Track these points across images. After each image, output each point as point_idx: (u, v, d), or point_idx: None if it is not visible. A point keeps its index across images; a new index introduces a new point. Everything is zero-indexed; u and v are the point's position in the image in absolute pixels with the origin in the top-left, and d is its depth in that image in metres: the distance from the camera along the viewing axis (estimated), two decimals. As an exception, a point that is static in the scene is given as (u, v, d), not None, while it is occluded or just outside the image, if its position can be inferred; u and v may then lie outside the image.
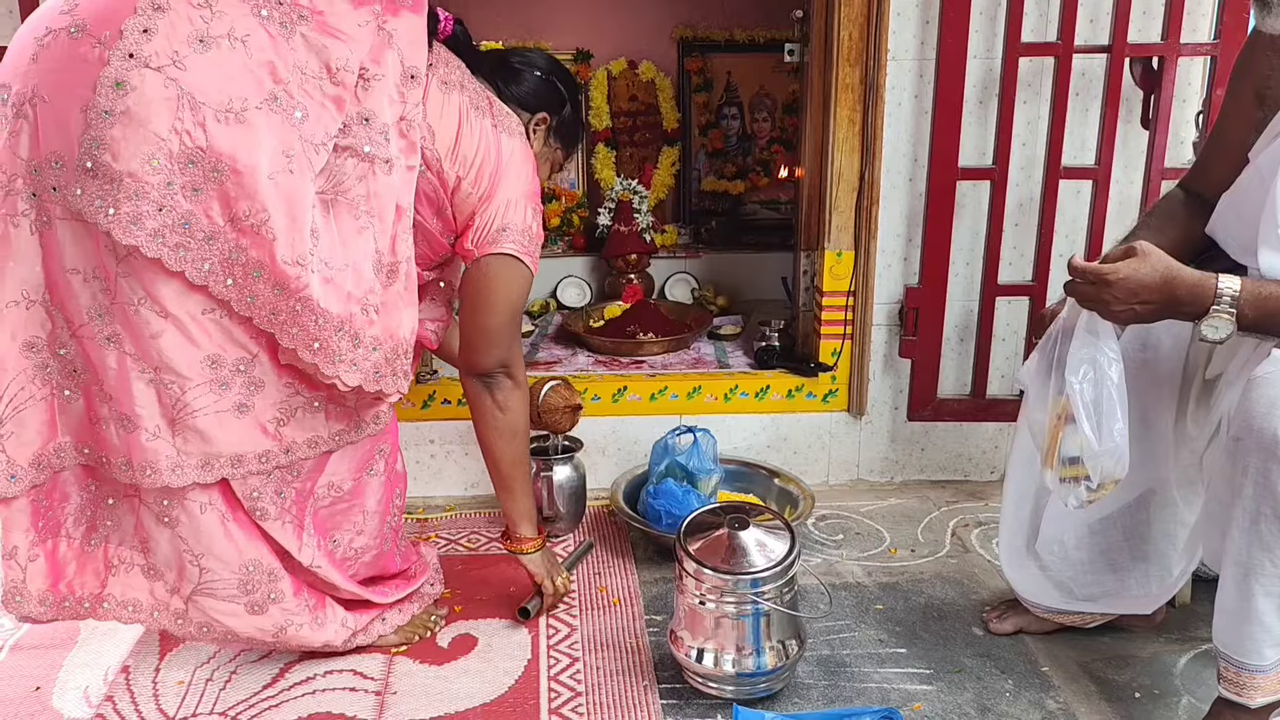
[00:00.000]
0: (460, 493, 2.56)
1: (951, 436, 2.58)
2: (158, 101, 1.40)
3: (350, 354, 1.57)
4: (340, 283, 1.55)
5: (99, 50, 1.40)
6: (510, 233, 1.75)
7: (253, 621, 1.68)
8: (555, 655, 1.86)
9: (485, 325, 1.80)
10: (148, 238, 1.42)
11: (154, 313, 1.48)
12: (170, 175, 1.42)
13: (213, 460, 1.56)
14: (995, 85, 2.31)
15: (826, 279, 2.47)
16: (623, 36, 3.58)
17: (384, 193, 1.60)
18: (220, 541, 1.63)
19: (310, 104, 1.51)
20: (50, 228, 1.46)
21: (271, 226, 1.47)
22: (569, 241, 3.51)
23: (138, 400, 1.51)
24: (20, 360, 1.52)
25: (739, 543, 1.72)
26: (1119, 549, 1.79)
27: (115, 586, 1.66)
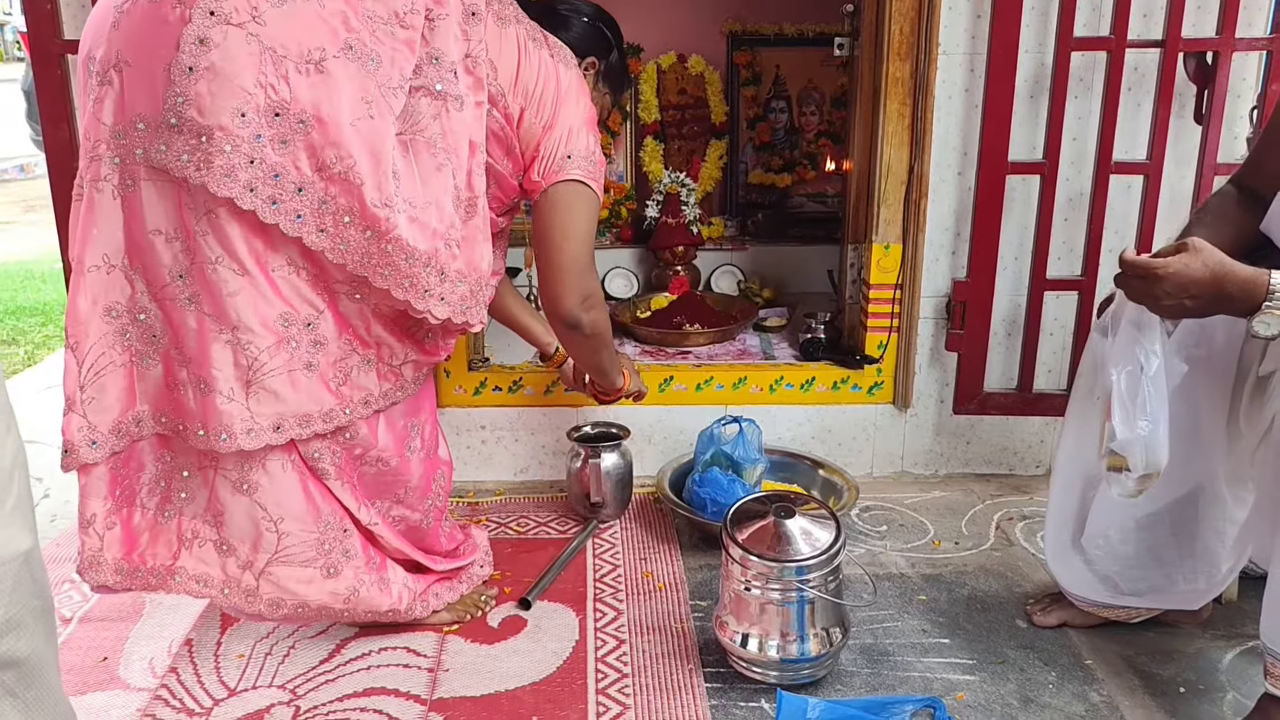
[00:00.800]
0: (510, 478, 2.61)
1: (997, 430, 2.58)
2: (242, 57, 1.44)
3: (438, 288, 1.61)
4: (425, 220, 1.59)
5: (180, 10, 1.43)
6: (575, 159, 1.77)
7: (327, 586, 1.71)
8: (602, 637, 1.90)
9: (562, 258, 1.81)
10: (241, 190, 1.46)
11: (231, 271, 1.52)
12: (258, 128, 1.46)
13: (284, 421, 1.60)
14: (1046, 80, 2.31)
15: (874, 272, 2.48)
16: (672, 30, 3.60)
17: (458, 129, 1.63)
18: (300, 501, 1.66)
19: (383, 50, 1.54)
20: (133, 190, 1.50)
21: (358, 172, 1.50)
22: (617, 233, 3.54)
23: (215, 362, 1.54)
24: (101, 325, 1.55)
25: (785, 531, 1.74)
26: (1166, 544, 1.79)
27: (187, 560, 1.68)
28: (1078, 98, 2.34)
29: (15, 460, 0.88)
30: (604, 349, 2.02)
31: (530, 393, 2.56)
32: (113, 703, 1.74)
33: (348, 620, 1.82)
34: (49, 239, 5.75)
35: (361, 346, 1.66)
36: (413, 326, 1.71)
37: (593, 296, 1.87)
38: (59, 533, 2.36)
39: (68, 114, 2.29)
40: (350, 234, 1.53)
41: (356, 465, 1.73)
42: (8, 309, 4.60)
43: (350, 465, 1.72)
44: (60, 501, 2.54)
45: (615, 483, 2.35)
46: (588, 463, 2.33)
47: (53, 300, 4.72)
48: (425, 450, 1.85)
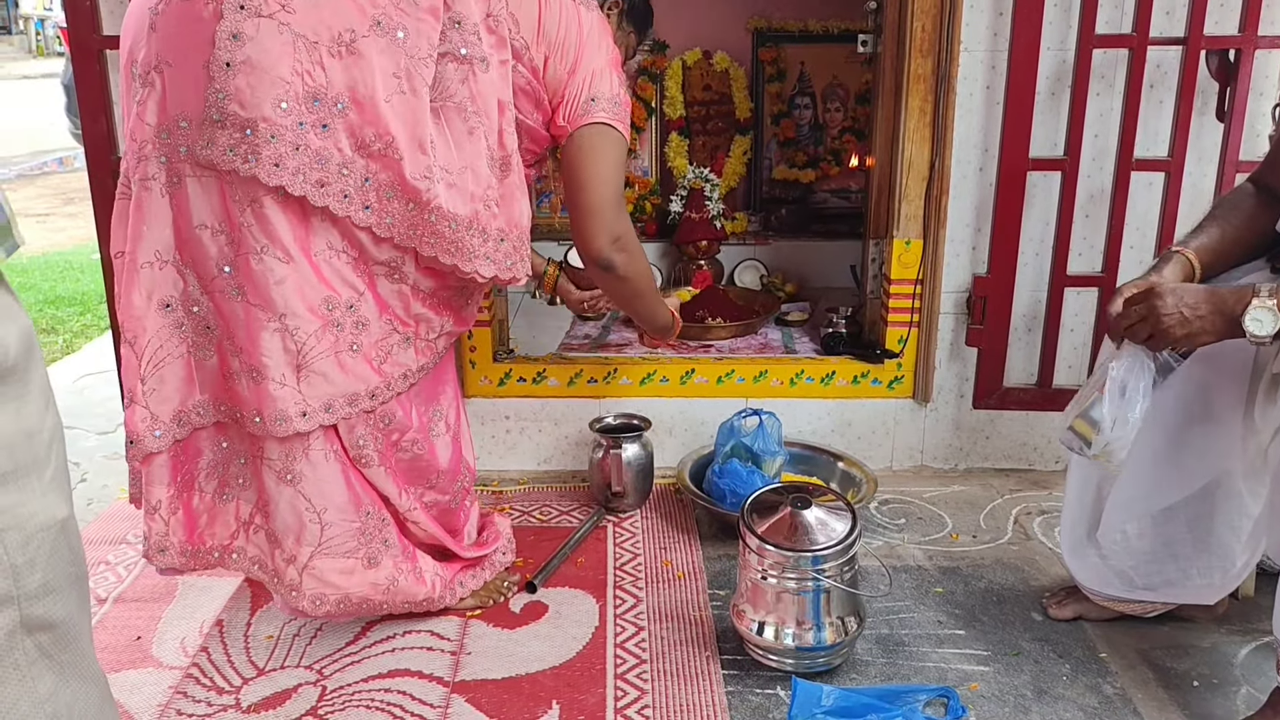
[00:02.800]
0: (533, 467, 2.65)
1: (1017, 425, 2.59)
2: (275, 47, 1.48)
3: (482, 248, 1.65)
4: (463, 185, 1.62)
5: (212, 6, 1.48)
6: (600, 101, 1.78)
7: (369, 576, 1.76)
8: (622, 624, 1.94)
9: (591, 200, 1.82)
10: (290, 177, 1.51)
11: (276, 259, 1.56)
12: (299, 115, 1.50)
13: (333, 401, 1.64)
14: (1068, 76, 2.31)
15: (895, 267, 2.50)
16: (698, 27, 3.63)
17: (486, 91, 1.65)
18: (342, 490, 1.71)
19: (408, 21, 1.56)
20: (180, 187, 1.55)
21: (397, 147, 1.54)
22: (642, 227, 3.56)
23: (264, 349, 1.59)
24: (158, 319, 1.61)
25: (801, 521, 1.77)
26: (1182, 539, 1.80)
27: (244, 542, 1.74)
28: (1099, 95, 2.35)
29: (54, 434, 0.93)
30: (643, 294, 2.04)
31: (554, 384, 2.60)
32: (145, 680, 1.79)
33: (386, 611, 1.86)
34: (87, 230, 5.87)
35: (401, 325, 1.70)
36: (452, 297, 1.76)
37: (624, 237, 1.87)
38: (95, 516, 2.42)
39: (106, 108, 2.35)
40: (394, 207, 1.57)
41: (394, 451, 1.78)
42: (47, 298, 4.70)
43: (390, 451, 1.77)
44: (97, 486, 2.60)
45: (636, 473, 2.38)
46: (609, 453, 2.36)
47: (90, 290, 4.80)
48: (451, 434, 1.90)
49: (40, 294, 4.77)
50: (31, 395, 0.88)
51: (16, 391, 0.86)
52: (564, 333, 2.98)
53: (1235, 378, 1.65)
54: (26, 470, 0.87)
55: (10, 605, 0.85)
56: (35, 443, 0.88)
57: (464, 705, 1.70)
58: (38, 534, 0.87)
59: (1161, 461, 1.75)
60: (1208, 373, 1.67)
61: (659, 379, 2.60)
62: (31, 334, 0.89)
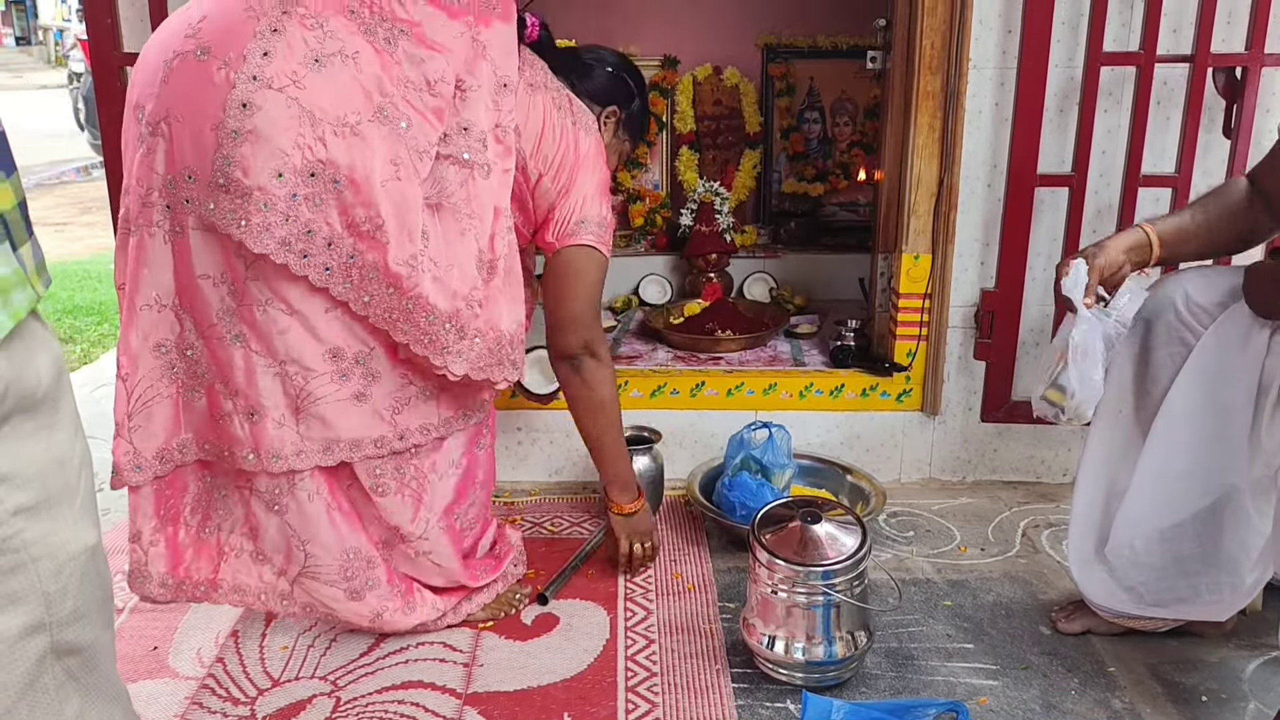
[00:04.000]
0: (544, 478, 2.67)
1: (1025, 438, 2.60)
2: (282, 119, 1.51)
3: (456, 345, 1.67)
4: (447, 281, 1.65)
5: (225, 72, 1.51)
6: (588, 224, 1.88)
7: (351, 607, 1.82)
8: (632, 636, 1.96)
9: (569, 311, 1.93)
10: (276, 245, 1.54)
11: (280, 311, 1.60)
12: (295, 187, 1.53)
13: (333, 445, 1.68)
14: (1076, 94, 2.33)
15: (903, 281, 2.52)
16: (708, 43, 3.66)
17: (484, 196, 1.69)
18: (325, 529, 1.75)
19: (413, 114, 1.60)
20: (182, 236, 1.58)
21: (385, 231, 1.57)
22: (652, 241, 3.59)
23: (263, 392, 1.63)
24: (151, 360, 1.65)
25: (811, 536, 1.78)
26: (1191, 555, 1.80)
27: (226, 572, 1.79)
28: (1107, 111, 2.36)
29: (83, 460, 0.93)
30: (606, 411, 2.04)
31: (565, 397, 2.61)
32: (162, 690, 1.81)
33: (377, 632, 1.93)
34: (105, 239, 5.90)
35: (420, 379, 1.72)
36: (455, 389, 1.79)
37: (595, 344, 1.98)
38: (111, 526, 2.45)
39: (125, 123, 2.38)
40: (374, 289, 1.59)
41: (428, 477, 1.80)
42: (65, 308, 4.73)
43: (421, 478, 1.79)
44: (114, 496, 2.62)
45: (647, 485, 2.39)
46: (620, 466, 2.38)
47: (108, 300, 4.84)
48: (489, 448, 1.96)
49: (58, 303, 4.81)
50: (62, 423, 0.89)
51: (48, 420, 0.87)
52: (575, 345, 2.99)
53: (1242, 395, 1.66)
54: (59, 499, 0.87)
55: (42, 632, 0.86)
56: (66, 470, 0.89)
57: (476, 717, 1.72)
58: (69, 562, 0.88)
59: (1169, 478, 1.76)
60: (1215, 391, 1.68)
61: (669, 391, 2.62)
62: (62, 361, 0.90)
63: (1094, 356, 1.72)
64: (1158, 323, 1.79)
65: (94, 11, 2.35)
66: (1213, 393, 1.70)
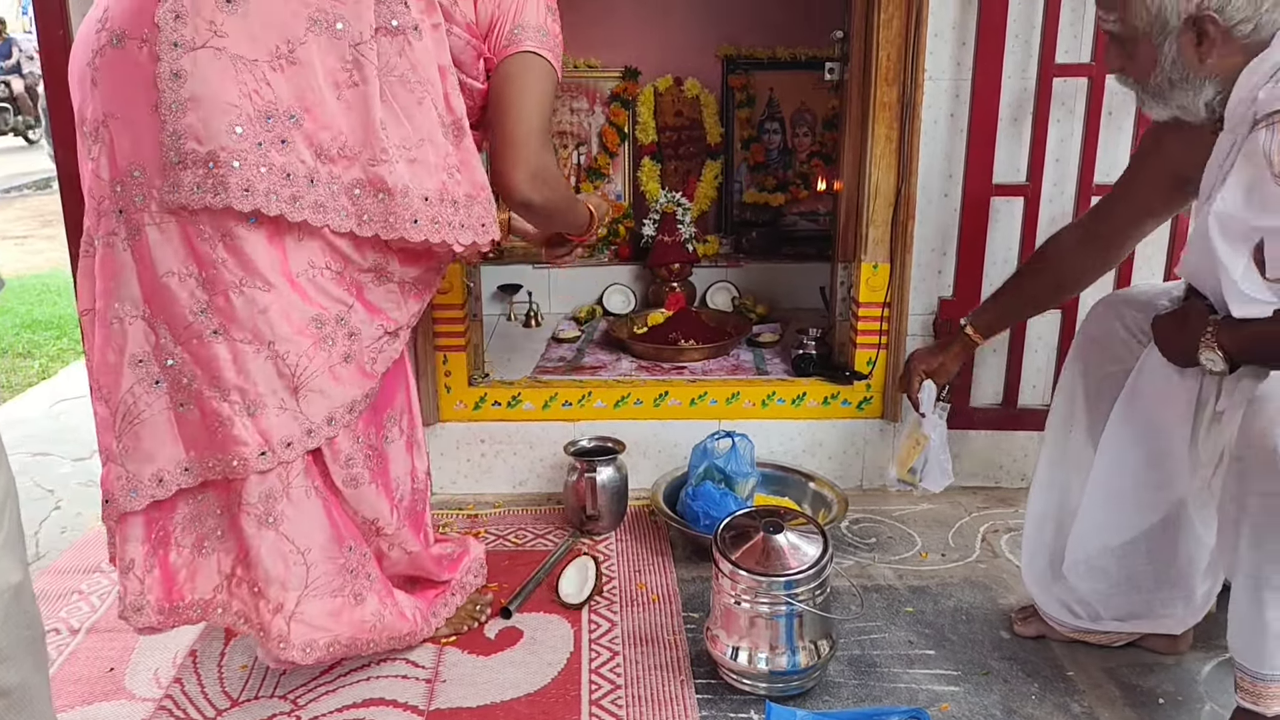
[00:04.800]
0: (509, 490, 2.66)
1: (984, 444, 2.63)
2: (216, 76, 1.47)
3: (455, 217, 1.65)
4: (424, 158, 1.61)
5: (145, 48, 1.47)
6: (526, 30, 1.71)
7: (356, 614, 1.73)
8: (596, 649, 1.95)
9: (512, 130, 1.71)
10: (263, 199, 1.50)
11: (257, 289, 1.55)
12: (256, 136, 1.49)
13: (334, 413, 1.65)
14: (1029, 104, 2.37)
15: (863, 290, 2.54)
16: (669, 54, 3.68)
17: (424, 59, 1.62)
18: (325, 528, 1.69)
19: (343, 8, 1.54)
20: (139, 237, 1.54)
21: (351, 145, 1.55)
22: (615, 250, 3.60)
23: (259, 380, 1.58)
24: (130, 375, 1.58)
25: (773, 545, 1.79)
26: (1143, 572, 1.84)
27: (226, 596, 1.69)
28: (1060, 121, 2.40)
29: (6, 493, 0.90)
30: (564, 213, 1.93)
31: (529, 408, 2.61)
32: (118, 713, 1.78)
33: (373, 650, 1.82)
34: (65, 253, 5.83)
35: (390, 324, 1.71)
36: (433, 276, 1.77)
37: (543, 172, 1.75)
38: (69, 545, 2.41)
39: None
40: (367, 203, 1.57)
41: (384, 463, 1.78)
42: (24, 322, 4.66)
43: (380, 460, 1.77)
44: (70, 514, 2.59)
45: (611, 496, 2.40)
46: (584, 476, 2.38)
47: (68, 315, 4.78)
48: (405, 440, 1.88)
49: (17, 318, 4.74)
50: None
51: None
52: (539, 355, 3.00)
53: (1181, 414, 1.69)
54: None
55: None
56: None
57: (439, 733, 1.71)
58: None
59: (1117, 497, 1.80)
60: (1155, 409, 1.72)
61: (633, 401, 2.62)
62: None
63: (943, 447, 2.14)
64: (1100, 343, 1.83)
65: (45, 21, 2.31)
66: (1153, 411, 1.73)
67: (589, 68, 3.65)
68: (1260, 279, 1.45)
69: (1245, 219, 1.44)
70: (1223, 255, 1.47)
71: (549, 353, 3.04)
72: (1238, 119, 1.47)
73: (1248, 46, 1.46)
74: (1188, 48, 1.49)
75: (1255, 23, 1.44)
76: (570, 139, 3.70)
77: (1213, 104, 1.52)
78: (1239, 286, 1.46)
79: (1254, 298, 1.46)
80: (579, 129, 3.70)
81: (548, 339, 3.19)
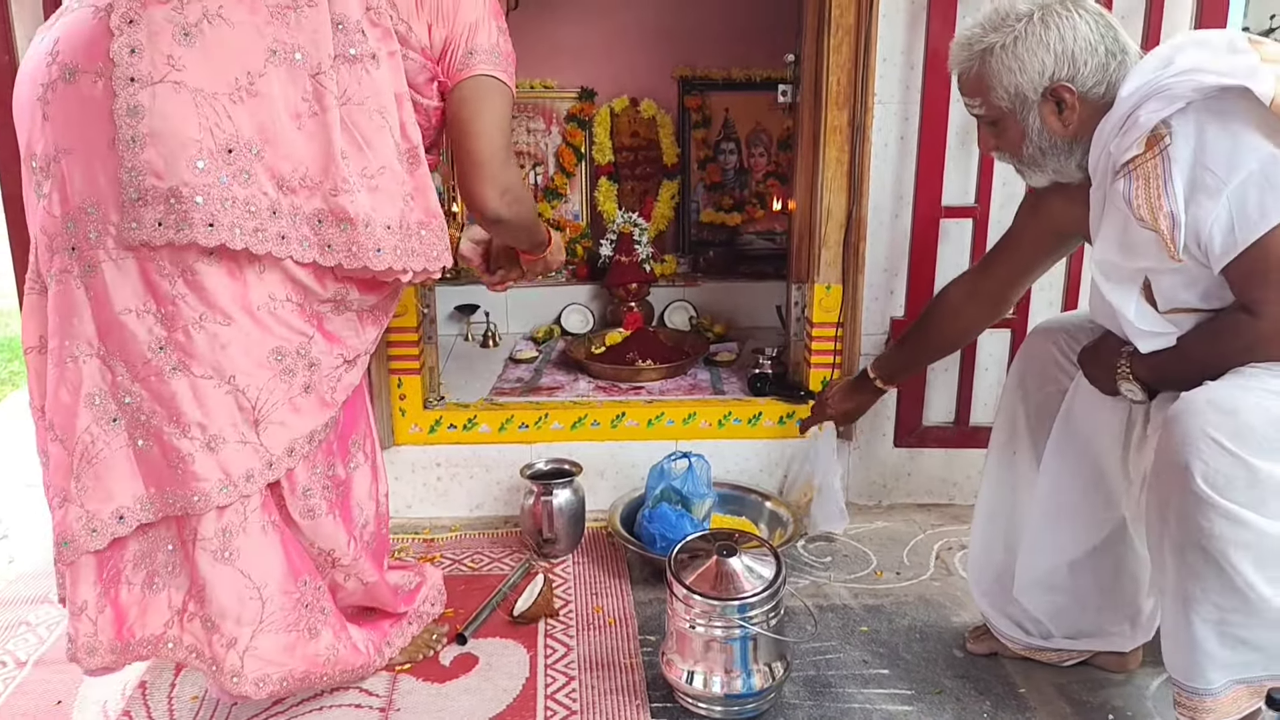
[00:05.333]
0: (465, 514, 2.65)
1: (937, 462, 2.66)
2: (176, 111, 1.45)
3: (407, 244, 1.65)
4: (385, 187, 1.62)
5: (100, 82, 1.45)
6: (479, 53, 1.73)
7: (310, 649, 1.71)
8: (552, 674, 1.95)
9: (476, 151, 1.73)
10: (227, 233, 1.49)
11: (218, 324, 1.54)
12: (218, 170, 1.48)
13: (294, 444, 1.63)
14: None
15: (816, 311, 2.57)
16: (625, 75, 3.71)
17: (382, 87, 1.62)
18: (282, 563, 1.67)
19: (299, 38, 1.53)
20: (94, 274, 1.52)
21: (312, 176, 1.54)
22: (573, 270, 3.61)
23: (220, 416, 1.56)
24: (87, 414, 1.56)
25: (727, 569, 1.80)
26: (1091, 590, 1.87)
27: (179, 631, 1.67)
28: (1007, 144, 2.44)
29: None
30: (530, 230, 1.96)
31: (485, 430, 2.61)
32: (67, 748, 1.76)
33: (326, 684, 1.80)
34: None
35: (349, 351, 1.70)
36: (389, 302, 1.77)
37: (512, 190, 1.79)
38: (16, 575, 2.37)
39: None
40: (330, 234, 1.57)
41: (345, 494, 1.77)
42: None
43: (340, 491, 1.77)
44: (17, 543, 2.54)
45: (568, 519, 2.40)
46: (541, 499, 2.38)
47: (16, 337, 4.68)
48: (369, 464, 1.89)
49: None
50: None
51: None
52: (496, 376, 2.99)
53: (1113, 437, 1.74)
54: None
55: None
56: None
57: (393, 763, 1.70)
58: None
59: (1062, 518, 1.83)
60: (1091, 432, 1.77)
61: (590, 423, 2.62)
62: None
63: (837, 491, 2.42)
64: (1036, 367, 1.87)
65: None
66: (1088, 434, 1.77)
67: (545, 89, 3.66)
68: (1154, 313, 1.55)
69: (1122, 264, 1.54)
70: (1113, 299, 1.57)
71: (506, 373, 3.04)
72: (1100, 173, 1.56)
73: (1104, 106, 1.55)
74: (1050, 117, 1.59)
75: (1106, 83, 1.55)
76: (527, 159, 3.71)
77: (1083, 164, 1.62)
78: (1136, 325, 1.56)
79: (1153, 332, 1.55)
80: (535, 149, 3.71)
81: (505, 359, 3.18)
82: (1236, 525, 1.41)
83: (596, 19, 3.67)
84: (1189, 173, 1.43)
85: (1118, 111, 1.51)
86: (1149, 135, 1.45)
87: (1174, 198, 1.43)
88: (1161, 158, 1.44)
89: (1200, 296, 1.51)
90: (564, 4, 3.63)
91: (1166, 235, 1.44)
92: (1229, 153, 1.42)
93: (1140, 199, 1.45)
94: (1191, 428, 1.43)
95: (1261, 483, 1.40)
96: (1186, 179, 1.43)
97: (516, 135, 3.67)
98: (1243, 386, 1.44)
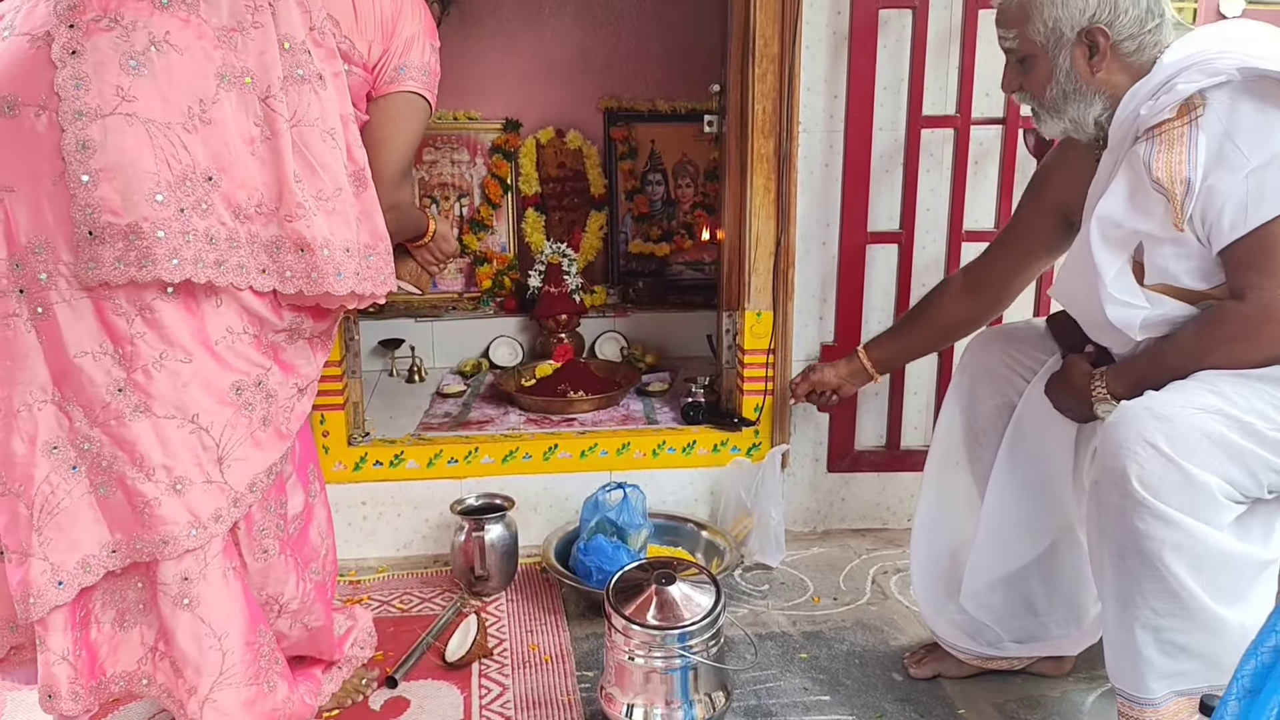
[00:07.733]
0: (393, 553, 2.58)
1: (870, 486, 2.67)
2: (130, 144, 1.40)
3: (361, 269, 1.61)
4: (340, 208, 1.58)
5: (44, 116, 1.39)
6: (411, 69, 1.72)
7: (269, 703, 1.64)
8: (487, 714, 1.89)
9: (380, 169, 1.71)
10: (191, 267, 1.44)
11: (179, 362, 1.48)
12: (178, 201, 1.43)
13: (256, 479, 1.58)
14: (900, 154, 2.45)
15: (747, 338, 2.57)
16: (551, 106, 3.70)
17: (330, 108, 1.60)
18: (243, 611, 1.60)
19: (249, 60, 1.50)
20: (47, 317, 1.44)
21: (267, 202, 1.50)
22: (501, 302, 3.57)
23: (184, 456, 1.50)
24: (46, 464, 1.48)
25: (666, 598, 1.77)
26: (1037, 594, 1.89)
27: (152, 669, 1.60)
28: (929, 171, 2.49)
29: None
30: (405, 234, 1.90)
31: (413, 466, 2.54)
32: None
33: None
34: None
35: (302, 380, 1.66)
36: (333, 327, 1.74)
37: (400, 207, 1.78)
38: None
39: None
40: (288, 259, 1.53)
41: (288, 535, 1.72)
42: None
43: (291, 535, 1.72)
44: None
45: (500, 555, 2.34)
46: (471, 536, 2.32)
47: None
48: (321, 496, 1.86)
49: None
50: None
51: None
52: (423, 412, 2.93)
53: (1064, 447, 1.77)
54: None
55: None
56: None
57: (322, 815, 1.63)
58: None
59: (1009, 527, 1.85)
60: (1041, 442, 1.79)
61: (521, 456, 2.58)
62: None
63: (774, 520, 2.41)
64: (980, 379, 1.89)
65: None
66: (1039, 444, 1.79)
67: (470, 120, 3.64)
68: (1133, 284, 1.56)
69: (1125, 222, 1.55)
70: (1099, 259, 1.57)
71: (433, 408, 2.98)
72: (1120, 136, 1.58)
73: (1131, 66, 1.58)
74: (1080, 60, 1.59)
75: (1139, 41, 1.57)
76: (452, 190, 3.67)
77: (1100, 120, 1.62)
78: (1109, 289, 1.56)
79: (1125, 301, 1.56)
80: (460, 181, 3.67)
81: (432, 394, 3.12)
82: (1171, 528, 1.43)
83: (521, 50, 3.66)
84: (1215, 145, 1.46)
85: (1157, 77, 1.53)
86: (1183, 103, 1.48)
87: (1194, 166, 1.46)
88: (1191, 125, 1.47)
89: (1189, 273, 1.54)
90: (488, 35, 3.63)
91: (1178, 201, 1.47)
92: (1260, 133, 1.45)
93: (1160, 163, 1.47)
94: (1129, 433, 1.45)
95: (1196, 488, 1.43)
96: (1211, 151, 1.46)
97: (440, 167, 3.65)
98: (1182, 402, 1.47)
